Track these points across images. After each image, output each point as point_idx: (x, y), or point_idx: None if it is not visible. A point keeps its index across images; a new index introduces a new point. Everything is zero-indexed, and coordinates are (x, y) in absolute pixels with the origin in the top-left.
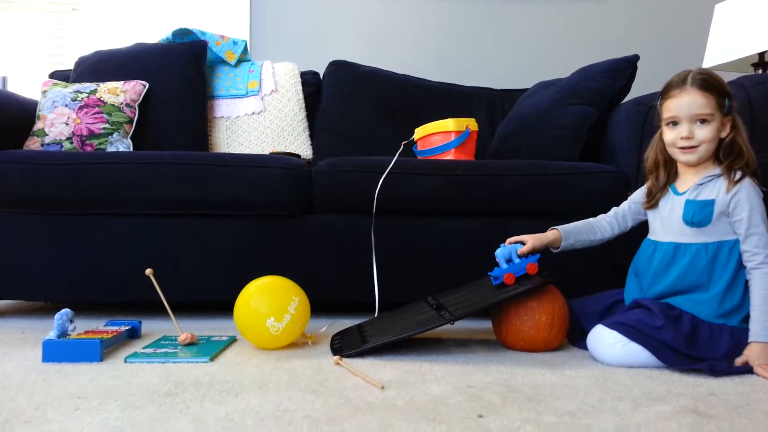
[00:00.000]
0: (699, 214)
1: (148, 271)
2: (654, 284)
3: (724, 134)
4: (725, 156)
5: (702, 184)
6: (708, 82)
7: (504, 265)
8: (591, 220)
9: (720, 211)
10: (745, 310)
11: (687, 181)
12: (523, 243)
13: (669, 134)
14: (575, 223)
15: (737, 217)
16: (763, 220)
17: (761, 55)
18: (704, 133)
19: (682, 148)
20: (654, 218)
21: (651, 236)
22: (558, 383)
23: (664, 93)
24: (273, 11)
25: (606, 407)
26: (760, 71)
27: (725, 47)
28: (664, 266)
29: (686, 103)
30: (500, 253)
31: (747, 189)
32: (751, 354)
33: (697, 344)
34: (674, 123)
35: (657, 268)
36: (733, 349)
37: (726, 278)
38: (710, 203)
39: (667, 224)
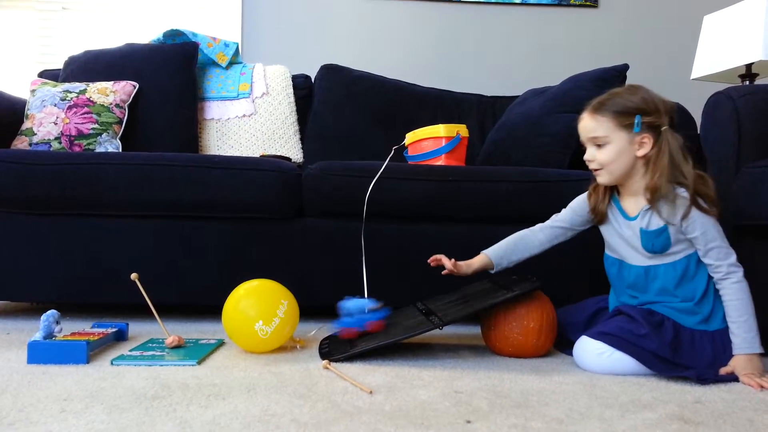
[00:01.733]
0: (657, 243)
1: (134, 276)
2: (632, 300)
3: (642, 152)
4: (647, 179)
5: (649, 209)
6: (602, 104)
7: (347, 319)
8: (525, 232)
9: (675, 232)
10: (721, 311)
11: (630, 202)
12: (442, 264)
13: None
14: (505, 241)
15: (691, 235)
16: (717, 231)
17: (748, 66)
18: (602, 155)
19: (592, 169)
20: (610, 236)
21: (610, 252)
22: (546, 389)
23: None
24: (265, 14)
25: (593, 414)
26: (747, 82)
27: (713, 58)
28: (638, 289)
29: (581, 127)
30: (348, 305)
31: (692, 208)
32: (737, 365)
33: (680, 351)
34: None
35: (631, 290)
36: (716, 354)
37: (700, 288)
38: (663, 230)
39: (633, 248)
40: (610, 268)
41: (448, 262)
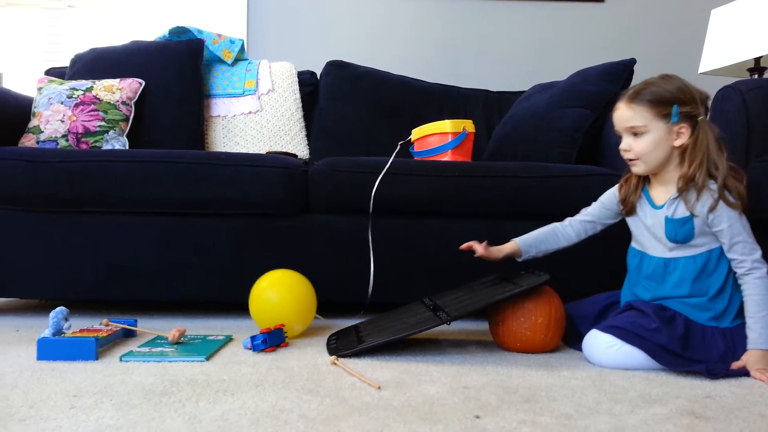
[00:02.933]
0: (681, 232)
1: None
2: (646, 293)
3: (679, 143)
4: (684, 169)
5: (677, 197)
6: (639, 93)
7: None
8: (555, 226)
9: (700, 224)
10: (734, 309)
11: (659, 191)
12: (473, 249)
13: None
14: (536, 232)
15: (717, 228)
16: (743, 226)
17: (757, 60)
18: (639, 145)
19: (628, 159)
20: (636, 227)
21: (635, 244)
22: (554, 384)
23: None
24: (270, 10)
25: (603, 409)
26: (756, 76)
27: (721, 52)
28: (655, 281)
29: (617, 116)
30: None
31: (719, 201)
32: (749, 359)
33: (690, 346)
34: (620, 135)
35: (648, 281)
36: (726, 350)
37: (717, 284)
38: (689, 219)
39: (656, 238)
40: (632, 259)
41: (479, 247)
